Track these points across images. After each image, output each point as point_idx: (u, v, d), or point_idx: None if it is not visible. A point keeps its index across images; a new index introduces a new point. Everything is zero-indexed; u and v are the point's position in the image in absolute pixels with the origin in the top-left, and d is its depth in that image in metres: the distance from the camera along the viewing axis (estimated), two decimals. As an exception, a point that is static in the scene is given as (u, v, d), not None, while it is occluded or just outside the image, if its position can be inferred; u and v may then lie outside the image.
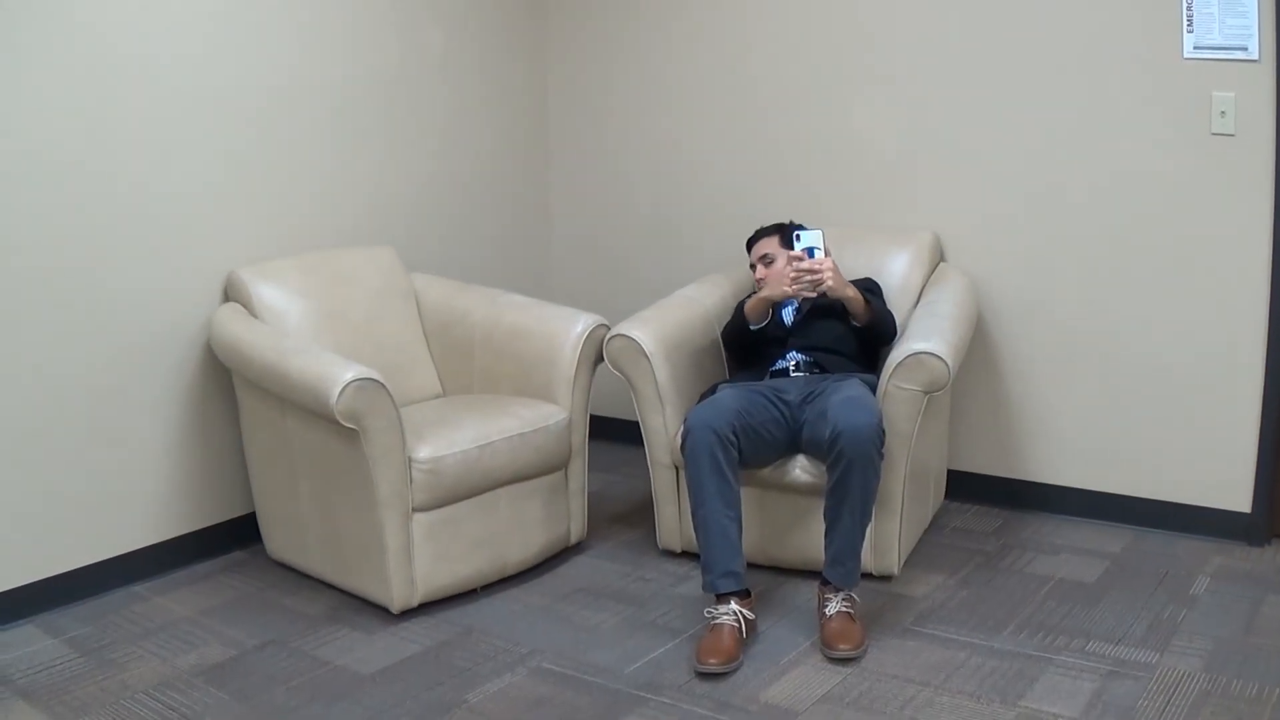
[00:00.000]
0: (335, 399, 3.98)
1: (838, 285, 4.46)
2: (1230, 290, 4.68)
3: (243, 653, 4.08)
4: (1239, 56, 4.51)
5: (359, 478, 4.16)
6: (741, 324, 4.74)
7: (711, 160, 5.81)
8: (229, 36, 4.75)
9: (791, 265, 4.46)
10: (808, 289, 4.47)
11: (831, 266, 4.44)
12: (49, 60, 4.21)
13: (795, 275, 4.45)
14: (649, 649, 4.07)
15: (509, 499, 4.49)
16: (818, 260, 4.43)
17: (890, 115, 5.31)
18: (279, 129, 4.96)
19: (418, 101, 5.51)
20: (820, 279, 4.42)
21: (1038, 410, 5.16)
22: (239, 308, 4.65)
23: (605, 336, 4.70)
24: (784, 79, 5.55)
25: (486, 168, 5.95)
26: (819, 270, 4.42)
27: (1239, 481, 4.78)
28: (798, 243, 4.47)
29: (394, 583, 4.23)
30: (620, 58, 5.99)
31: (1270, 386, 4.66)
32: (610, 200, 5.92)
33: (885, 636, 4.09)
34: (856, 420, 4.01)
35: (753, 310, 4.69)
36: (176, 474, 4.74)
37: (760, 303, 4.68)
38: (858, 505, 4.03)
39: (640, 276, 5.95)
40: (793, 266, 4.46)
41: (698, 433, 4.10)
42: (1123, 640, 4.02)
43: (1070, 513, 5.12)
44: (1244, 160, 4.56)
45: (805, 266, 4.43)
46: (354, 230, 5.23)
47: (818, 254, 4.45)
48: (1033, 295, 5.08)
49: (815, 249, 4.45)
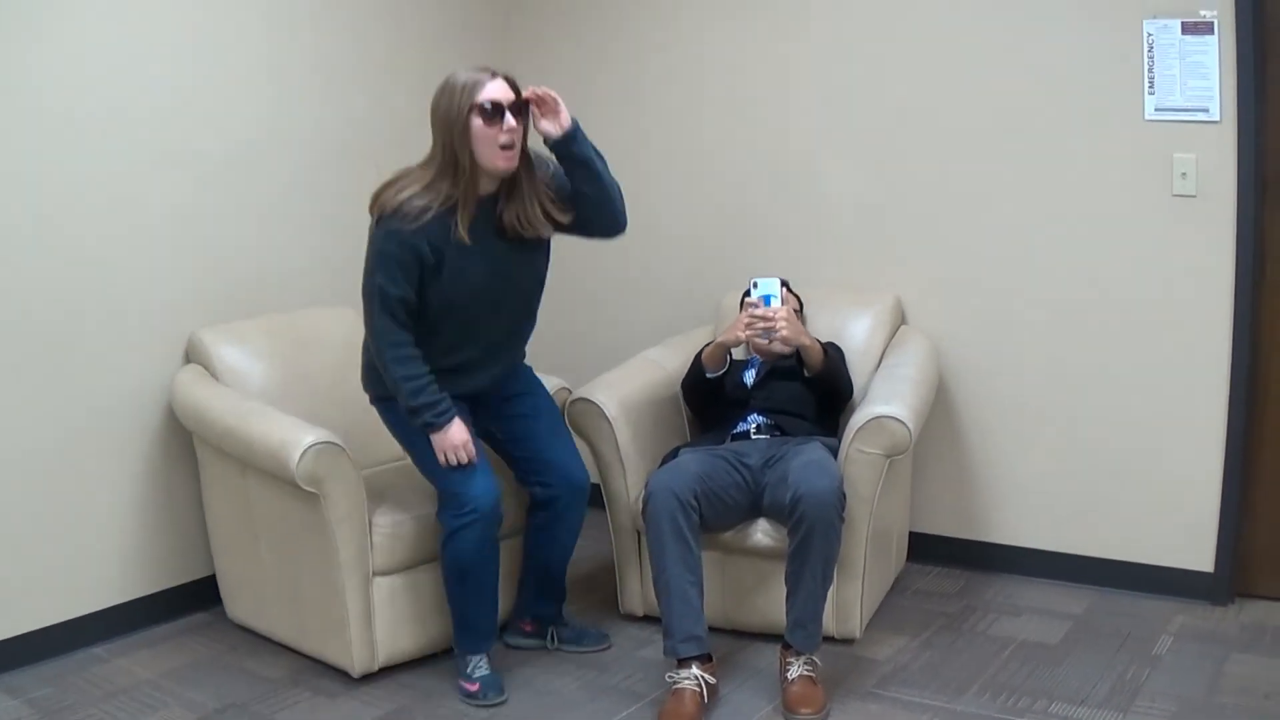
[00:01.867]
0: (296, 463, 3.97)
1: (792, 334, 4.47)
2: (1191, 351, 4.70)
3: (203, 716, 4.05)
4: (1200, 118, 4.55)
5: (320, 541, 4.15)
6: (699, 372, 4.74)
7: (673, 221, 5.80)
8: (192, 93, 4.76)
9: (747, 311, 4.47)
10: (761, 337, 4.48)
11: (786, 315, 4.45)
12: (4, 118, 4.21)
13: (749, 322, 4.46)
14: (611, 713, 4.06)
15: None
16: (772, 309, 4.44)
17: (852, 177, 5.33)
18: (240, 188, 4.95)
19: (381, 160, 5.48)
20: (774, 327, 4.43)
21: (999, 471, 5.18)
22: (201, 370, 4.64)
23: (567, 400, 4.71)
24: (748, 140, 5.57)
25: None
26: (772, 319, 4.43)
27: (1202, 541, 4.79)
28: (754, 290, 4.49)
29: (355, 646, 4.21)
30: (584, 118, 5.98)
31: (1231, 446, 4.68)
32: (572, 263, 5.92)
33: (848, 700, 4.09)
34: (818, 484, 4.01)
35: (710, 357, 4.70)
36: (138, 535, 4.71)
37: (717, 348, 4.67)
38: (819, 569, 4.03)
39: (602, 336, 5.94)
40: (748, 313, 4.47)
41: (659, 497, 4.09)
42: (1086, 701, 4.02)
43: (1033, 573, 5.12)
44: (1205, 221, 4.60)
45: (760, 314, 4.44)
46: (314, 289, 5.20)
47: (774, 302, 4.46)
48: (994, 357, 5.10)
49: (771, 296, 4.46)
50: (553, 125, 3.91)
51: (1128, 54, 4.64)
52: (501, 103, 3.80)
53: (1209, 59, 4.49)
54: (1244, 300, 4.58)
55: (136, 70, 4.57)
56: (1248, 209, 4.53)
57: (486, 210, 3.92)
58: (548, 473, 4.33)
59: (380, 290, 3.85)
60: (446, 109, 3.81)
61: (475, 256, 3.91)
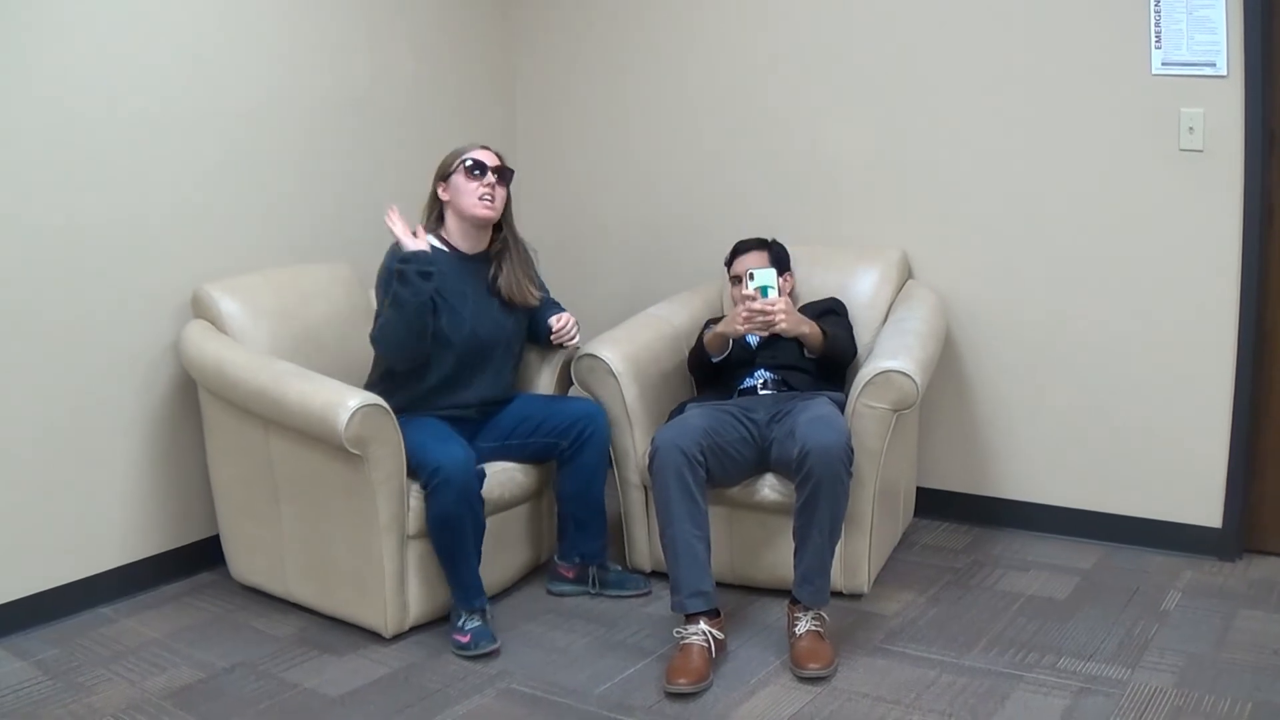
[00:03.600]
0: (344, 425, 3.98)
1: (790, 325, 4.46)
2: (1199, 305, 4.69)
3: (211, 675, 4.06)
4: (1207, 72, 4.53)
5: (357, 503, 4.17)
6: (703, 354, 4.74)
7: (680, 177, 5.80)
8: (196, 54, 4.74)
9: (744, 304, 4.46)
10: (760, 329, 4.48)
11: (784, 307, 4.43)
12: (10, 80, 4.19)
13: (748, 316, 4.44)
14: (619, 669, 4.06)
15: (494, 525, 4.45)
16: (769, 301, 4.42)
17: (858, 132, 5.30)
18: (244, 146, 4.94)
19: (385, 120, 5.48)
20: (772, 320, 4.42)
21: (1007, 426, 5.17)
22: (208, 325, 4.61)
23: (573, 357, 4.72)
24: (752, 96, 5.54)
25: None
26: (770, 312, 4.42)
27: (1210, 496, 4.79)
28: (750, 281, 4.45)
29: (389, 608, 4.24)
30: (588, 75, 5.98)
31: (1239, 401, 4.67)
32: (579, 218, 5.91)
33: (855, 655, 4.09)
34: (825, 439, 4.01)
35: (711, 344, 4.70)
36: (144, 495, 4.72)
37: (717, 337, 4.67)
38: (826, 524, 4.02)
39: (609, 293, 5.93)
40: (745, 306, 4.45)
41: (665, 453, 4.09)
42: (1094, 656, 4.02)
43: (1041, 529, 5.12)
44: (1212, 176, 4.58)
45: (757, 307, 4.42)
46: (312, 247, 5.18)
47: (771, 293, 4.43)
48: (1001, 311, 5.09)
49: (769, 288, 4.44)
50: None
51: (1134, 8, 4.61)
52: (485, 163, 4.47)
53: (1216, 13, 4.47)
54: (1251, 254, 4.56)
55: (140, 31, 4.55)
56: (1255, 163, 4.51)
57: (480, 268, 4.55)
58: (559, 420, 4.52)
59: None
60: (439, 171, 4.53)
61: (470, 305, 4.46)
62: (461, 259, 4.50)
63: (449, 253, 4.48)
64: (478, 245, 4.55)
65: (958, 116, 5.06)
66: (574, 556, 4.64)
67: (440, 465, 4.10)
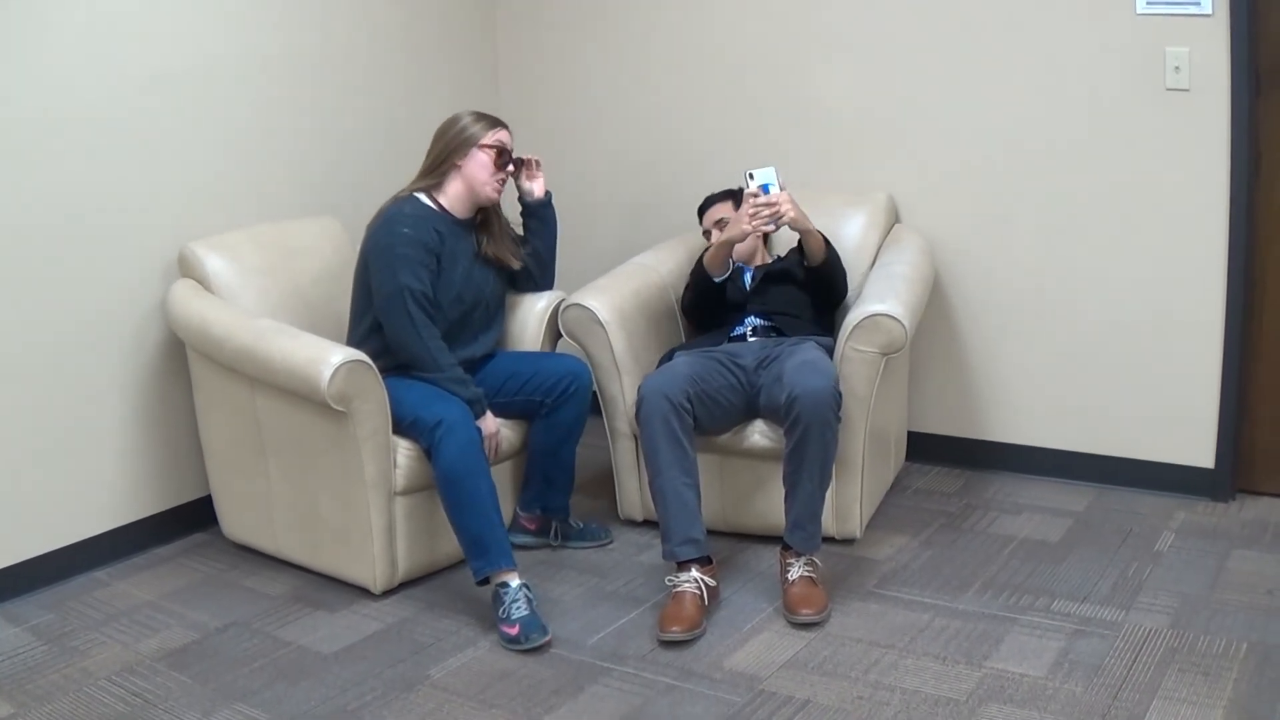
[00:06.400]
0: (327, 381, 3.97)
1: (798, 217, 4.42)
2: (1187, 244, 4.68)
3: (205, 635, 4.06)
4: (1192, 11, 4.50)
5: (342, 459, 4.16)
6: (703, 278, 4.67)
7: (664, 124, 5.77)
8: (177, 11, 4.70)
9: (749, 203, 4.42)
10: (768, 224, 4.42)
11: (789, 199, 4.40)
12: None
13: (754, 212, 4.40)
14: (612, 619, 4.07)
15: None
16: (774, 195, 4.38)
17: (844, 77, 5.27)
18: (229, 103, 4.91)
19: (367, 74, 5.46)
20: (778, 212, 4.38)
21: (997, 369, 5.16)
22: (195, 284, 4.59)
23: (560, 306, 4.71)
24: (737, 42, 5.51)
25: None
26: (776, 204, 4.38)
27: (1202, 437, 4.79)
28: (751, 181, 4.42)
29: (378, 564, 4.23)
30: (575, 24, 5.94)
31: (1230, 341, 4.67)
32: (563, 167, 5.87)
33: (849, 600, 4.10)
34: (812, 384, 4.00)
35: (713, 259, 4.62)
36: (135, 457, 4.71)
37: (721, 248, 4.59)
38: (816, 469, 4.02)
39: (595, 244, 5.90)
40: (750, 204, 4.41)
41: (651, 400, 4.09)
42: (1088, 598, 4.03)
43: (1032, 471, 5.13)
44: (1199, 116, 4.56)
45: (762, 202, 4.38)
46: (300, 203, 5.17)
47: (772, 189, 4.40)
48: (989, 254, 5.07)
49: (770, 184, 4.41)
50: (537, 187, 4.73)
51: (1120, -55, 4.59)
52: (510, 151, 4.50)
53: (1200, -50, 4.45)
54: (1239, 194, 4.55)
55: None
56: (1241, 102, 4.48)
57: (468, 232, 4.55)
58: (545, 377, 4.50)
59: (406, 289, 4.23)
60: (456, 135, 4.44)
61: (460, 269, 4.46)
62: (455, 222, 4.47)
63: (444, 215, 4.44)
64: (469, 213, 4.53)
65: (943, 60, 5.03)
66: (536, 508, 4.65)
67: (443, 418, 4.07)
